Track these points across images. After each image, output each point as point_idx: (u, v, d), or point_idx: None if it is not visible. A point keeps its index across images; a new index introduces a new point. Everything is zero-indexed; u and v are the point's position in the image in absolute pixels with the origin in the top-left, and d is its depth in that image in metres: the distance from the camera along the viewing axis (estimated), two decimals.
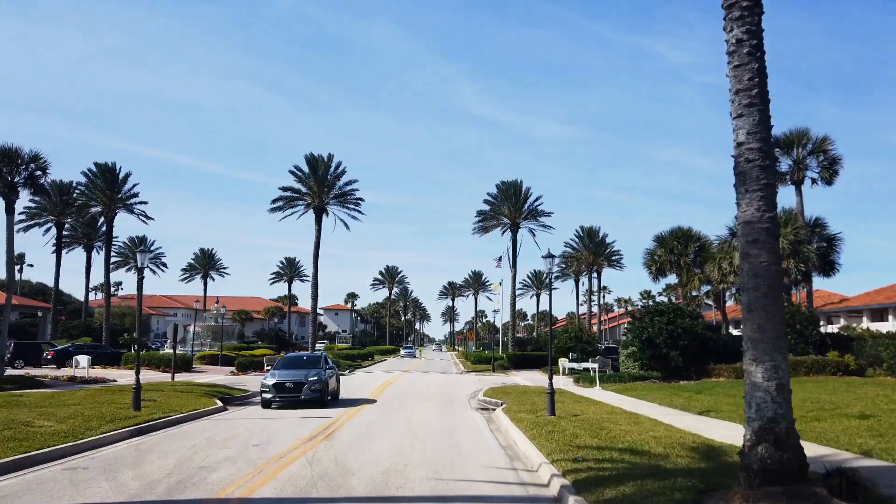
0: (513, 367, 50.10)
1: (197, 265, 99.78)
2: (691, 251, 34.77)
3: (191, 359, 41.86)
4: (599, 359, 32.52)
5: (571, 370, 33.50)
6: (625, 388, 26.94)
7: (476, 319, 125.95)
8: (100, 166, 48.97)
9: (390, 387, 30.95)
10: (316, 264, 48.37)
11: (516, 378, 40.61)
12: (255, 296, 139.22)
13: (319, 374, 21.38)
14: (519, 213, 54.59)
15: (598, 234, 65.15)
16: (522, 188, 54.68)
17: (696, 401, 20.75)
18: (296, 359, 24.29)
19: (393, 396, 25.47)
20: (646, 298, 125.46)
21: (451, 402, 23.46)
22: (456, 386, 32.67)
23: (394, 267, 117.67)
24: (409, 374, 44.34)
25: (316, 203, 47.95)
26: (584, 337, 43.86)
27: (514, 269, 54.87)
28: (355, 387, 30.30)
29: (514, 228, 54.85)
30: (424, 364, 61.35)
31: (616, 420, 15.70)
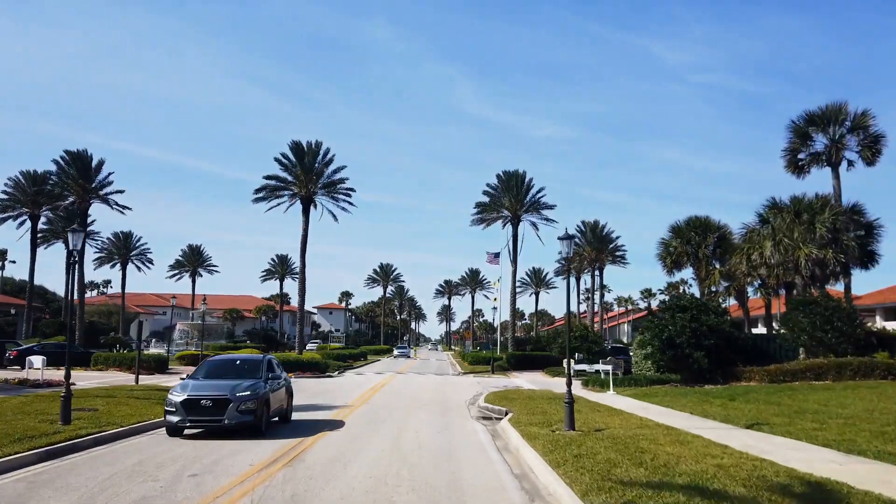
0: (512, 369, 47.11)
1: (185, 262, 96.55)
2: (710, 242, 31.77)
3: (166, 359, 38.73)
4: (612, 360, 29.52)
5: (581, 372, 30.46)
6: (643, 393, 23.94)
7: (473, 319, 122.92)
8: (72, 154, 45.80)
9: (381, 391, 27.92)
10: (303, 259, 45.28)
11: (517, 380, 37.60)
12: (248, 294, 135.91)
13: (256, 387, 14.29)
14: (520, 205, 51.55)
15: (601, 230, 62.19)
16: (525, 179, 51.73)
17: (735, 410, 17.76)
18: (225, 364, 16.43)
19: (382, 403, 22.42)
20: (647, 297, 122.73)
21: (448, 411, 20.44)
22: (453, 389, 29.67)
23: (388, 264, 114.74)
24: (403, 375, 41.31)
25: (303, 193, 44.85)
26: (591, 336, 40.90)
27: (514, 265, 51.89)
28: (344, 390, 27.28)
29: (515, 221, 51.82)
30: (420, 365, 58.30)
31: (654, 437, 12.67)
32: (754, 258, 26.86)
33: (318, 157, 44.98)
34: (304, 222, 45.09)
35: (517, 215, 51.82)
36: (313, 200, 45.37)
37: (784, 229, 25.92)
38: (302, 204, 45.28)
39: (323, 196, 45.99)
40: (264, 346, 71.60)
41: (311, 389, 27.24)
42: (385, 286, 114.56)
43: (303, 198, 45.04)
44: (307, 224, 45.07)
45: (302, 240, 45.02)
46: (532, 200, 51.94)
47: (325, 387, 29.28)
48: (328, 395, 24.55)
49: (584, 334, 41.08)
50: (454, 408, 21.27)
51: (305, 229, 45.00)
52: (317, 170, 44.78)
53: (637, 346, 27.26)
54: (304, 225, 45.10)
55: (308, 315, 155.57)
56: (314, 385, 30.05)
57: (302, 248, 44.99)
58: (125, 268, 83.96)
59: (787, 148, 26.07)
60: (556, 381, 36.89)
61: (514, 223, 51.95)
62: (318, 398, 23.43)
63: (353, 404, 21.49)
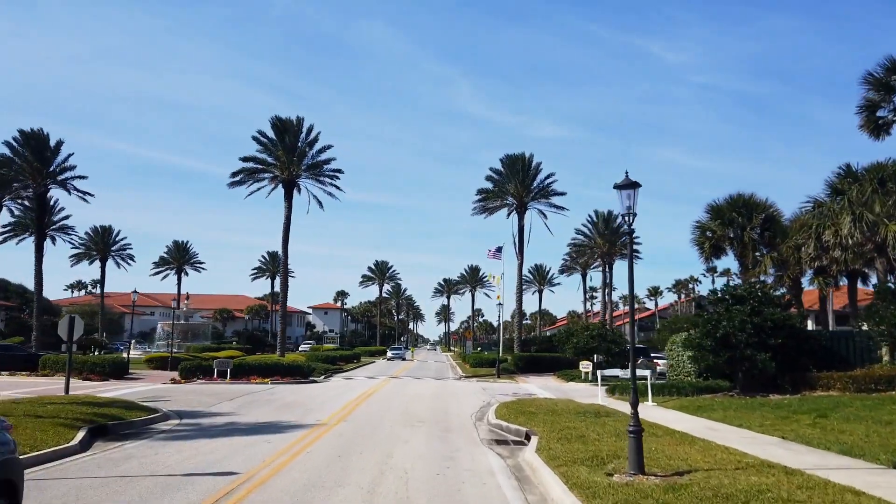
0: (519, 372, 42.34)
1: (170, 259, 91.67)
2: (756, 223, 26.92)
3: (126, 363, 33.83)
4: (643, 362, 24.70)
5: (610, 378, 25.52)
6: (693, 405, 19.13)
7: (473, 318, 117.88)
8: (25, 134, 40.86)
9: (368, 400, 23.10)
10: (286, 249, 40.43)
11: (528, 386, 32.79)
12: (240, 294, 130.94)
13: None
14: (527, 191, 46.74)
15: (614, 220, 57.36)
16: (531, 163, 46.90)
17: (843, 433, 12.98)
18: None
19: (366, 419, 17.61)
20: (653, 296, 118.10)
21: (450, 431, 15.67)
22: (455, 398, 24.86)
23: (384, 262, 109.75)
24: (398, 380, 36.50)
25: (284, 176, 40.04)
26: (610, 335, 36.12)
27: (520, 257, 47.12)
28: (323, 400, 22.49)
29: (521, 209, 47.02)
30: (416, 367, 53.45)
31: (778, 487, 7.86)
32: (826, 238, 22.07)
33: (300, 136, 40.21)
34: (287, 208, 40.31)
35: (523, 203, 47.00)
36: (296, 184, 40.59)
37: (863, 202, 21.28)
38: (284, 188, 40.52)
39: (308, 179, 41.24)
40: (250, 346, 66.71)
41: (281, 400, 22.41)
42: (381, 284, 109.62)
43: (284, 181, 40.25)
44: (290, 210, 40.31)
45: (284, 228, 40.24)
46: (540, 186, 47.16)
47: (302, 395, 24.47)
48: (300, 408, 19.73)
49: (603, 333, 36.31)
50: (457, 427, 16.46)
51: (288, 216, 40.23)
52: (300, 149, 39.98)
53: (682, 345, 22.39)
54: (287, 211, 40.33)
55: (302, 315, 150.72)
56: (289, 394, 25.22)
57: (284, 237, 40.19)
58: (104, 264, 79.07)
59: (862, 105, 21.48)
60: (572, 387, 32.09)
61: (520, 211, 47.15)
62: (286, 412, 18.61)
63: (327, 422, 16.65)
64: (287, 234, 40.17)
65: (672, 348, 25.55)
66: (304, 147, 39.87)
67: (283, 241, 40.07)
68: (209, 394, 24.53)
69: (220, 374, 31.51)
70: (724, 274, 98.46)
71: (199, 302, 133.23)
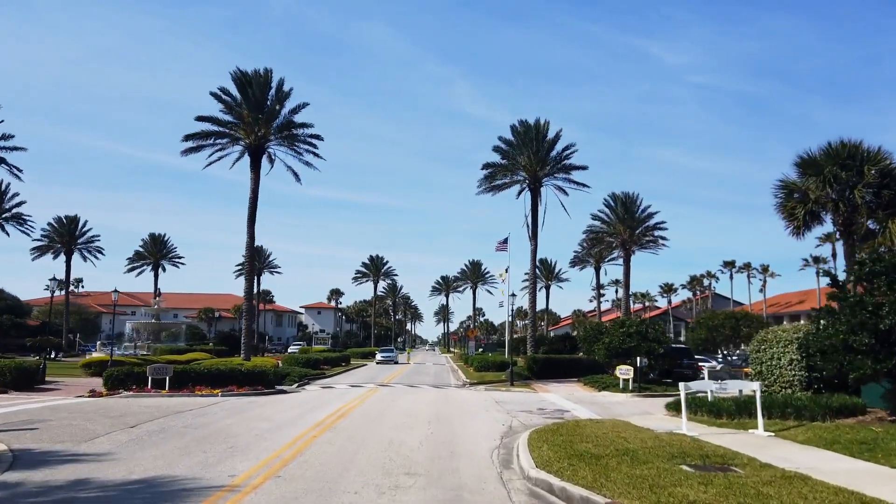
0: (534, 377, 35.30)
1: (146, 253, 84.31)
2: (870, 179, 19.79)
3: (36, 369, 26.52)
4: (723, 368, 17.68)
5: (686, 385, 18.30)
6: (842, 437, 12.03)
7: (475, 316, 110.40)
8: None
9: (338, 425, 16.01)
10: (252, 228, 33.26)
11: (552, 397, 25.73)
12: (227, 293, 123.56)
13: None
14: (542, 164, 39.58)
15: (636, 203, 50.27)
16: (547, 131, 39.79)
17: None
18: None
19: (321, 467, 10.48)
20: (667, 293, 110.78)
21: (461, 488, 8.63)
22: (462, 420, 17.77)
23: (379, 257, 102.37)
24: (388, 389, 29.44)
25: (250, 140, 32.93)
26: (652, 333, 29.07)
27: (534, 242, 39.96)
28: (275, 425, 15.41)
29: (535, 186, 39.88)
30: (412, 371, 46.28)
31: None
32: None
33: (269, 92, 33.06)
34: (254, 180, 33.21)
35: (537, 178, 39.84)
36: (265, 150, 33.45)
37: None
38: (250, 155, 33.40)
39: (279, 144, 34.05)
40: (226, 348, 59.47)
41: (207, 427, 15.26)
42: (376, 281, 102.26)
43: (250, 147, 33.10)
44: (257, 182, 33.21)
45: (251, 203, 33.11)
46: (557, 158, 40.00)
47: (247, 417, 17.37)
48: (221, 445, 12.57)
49: (642, 330, 29.22)
50: (474, 485, 9.30)
51: (255, 189, 33.10)
52: (268, 108, 32.80)
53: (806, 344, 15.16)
54: (254, 183, 33.21)
55: (293, 315, 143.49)
56: (230, 414, 18.12)
57: (250, 213, 33.07)
58: (70, 258, 71.73)
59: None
60: (610, 399, 25.06)
61: (534, 188, 40.00)
62: (192, 455, 11.45)
63: (242, 482, 9.46)
64: (254, 211, 33.03)
65: (761, 350, 18.43)
66: (273, 105, 32.65)
67: (248, 220, 32.92)
68: (115, 414, 17.42)
69: (155, 384, 24.40)
70: (745, 267, 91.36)
71: (183, 301, 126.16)
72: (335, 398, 24.08)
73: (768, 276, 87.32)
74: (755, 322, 44.32)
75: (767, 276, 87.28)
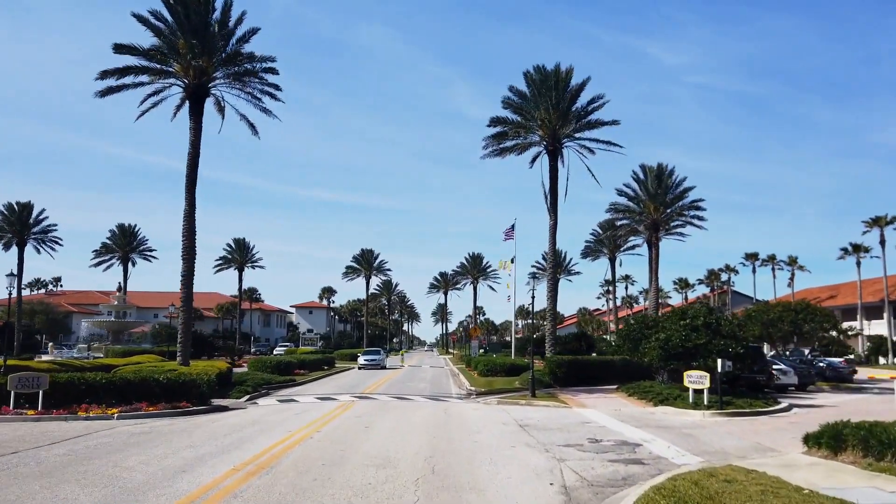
0: (558, 384, 27.71)
1: (114, 246, 76.41)
2: None
3: None
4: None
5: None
6: None
7: (476, 314, 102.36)
8: None
9: (250, 485, 8.30)
10: (192, 196, 25.62)
11: (597, 416, 18.01)
12: (212, 291, 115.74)
13: None
14: (563, 119, 31.80)
15: (669, 175, 42.51)
16: (570, 79, 31.98)
17: None
18: None
19: None
20: (683, 288, 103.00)
21: None
22: (474, 468, 10.11)
23: (370, 251, 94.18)
24: (370, 402, 21.82)
25: (189, 80, 25.21)
26: (726, 327, 21.46)
27: (553, 217, 32.16)
28: (138, 485, 7.79)
29: (555, 147, 32.09)
30: (405, 377, 38.61)
31: None
32: None
33: (212, 15, 25.29)
34: (194, 128, 25.59)
35: (557, 136, 32.06)
36: (207, 91, 25.70)
37: None
38: (190, 99, 25.61)
39: (228, 84, 26.33)
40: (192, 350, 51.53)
41: None
42: (368, 277, 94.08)
43: (189, 88, 25.35)
44: (198, 132, 25.59)
45: (190, 157, 25.50)
46: (581, 111, 32.23)
47: (100, 467, 9.66)
48: None
49: (712, 322, 21.60)
50: None
51: (195, 142, 25.51)
52: (210, 34, 25.00)
53: None
54: (194, 134, 25.61)
55: (283, 315, 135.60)
56: (74, 462, 10.42)
57: (190, 170, 25.47)
58: (22, 249, 63.73)
59: None
60: (680, 419, 17.51)
61: (553, 150, 32.25)
62: None
63: None
64: (194, 168, 25.39)
65: None
66: (214, 28, 24.85)
67: (186, 182, 25.23)
68: None
69: (20, 402, 16.69)
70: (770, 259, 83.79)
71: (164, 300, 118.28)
72: (285, 421, 16.39)
73: (797, 269, 79.56)
74: (818, 316, 36.74)
75: (796, 269, 79.52)
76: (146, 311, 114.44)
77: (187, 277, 25.17)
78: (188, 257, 25.14)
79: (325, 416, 17.50)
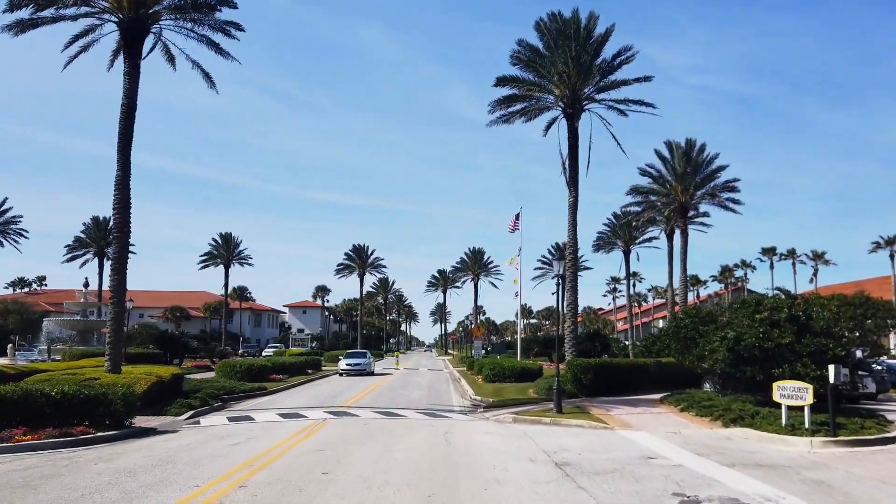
0: (584, 394, 22.52)
1: (87, 240, 71.11)
2: None
3: None
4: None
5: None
6: None
7: (477, 313, 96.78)
8: None
9: None
10: (126, 158, 20.39)
11: (658, 445, 12.53)
12: (201, 290, 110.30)
13: None
14: (585, 75, 26.53)
15: (700, 151, 37.22)
16: (593, 29, 26.69)
17: None
18: None
19: None
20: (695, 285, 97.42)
21: None
22: None
23: (364, 246, 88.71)
24: (346, 420, 16.56)
25: (125, 12, 19.94)
26: (818, 322, 16.29)
27: (574, 191, 26.89)
28: None
29: (575, 109, 26.77)
30: (398, 383, 33.34)
31: None
32: None
33: None
34: (129, 73, 20.41)
35: (577, 97, 26.76)
36: (147, 27, 20.47)
37: None
38: (124, 38, 20.40)
39: (174, 21, 21.11)
40: (161, 353, 46.28)
41: None
42: (362, 275, 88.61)
43: (124, 23, 20.11)
44: (135, 77, 20.33)
45: (124, 110, 20.32)
46: (605, 66, 26.98)
47: None
48: None
49: (796, 315, 16.40)
50: None
51: (130, 89, 20.28)
52: None
53: None
54: (129, 81, 20.45)
55: (275, 314, 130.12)
56: None
57: (123, 126, 20.28)
58: None
59: None
60: (786, 452, 11.93)
61: (572, 113, 26.96)
62: None
63: None
64: (129, 121, 20.19)
65: None
66: None
67: (119, 141, 20.02)
68: None
69: None
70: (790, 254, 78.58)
71: (150, 299, 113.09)
72: (211, 459, 11.14)
73: (821, 264, 74.29)
74: (881, 311, 31.44)
75: (820, 264, 74.25)
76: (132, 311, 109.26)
77: (119, 260, 19.89)
78: (121, 236, 19.89)
79: (274, 448, 12.25)
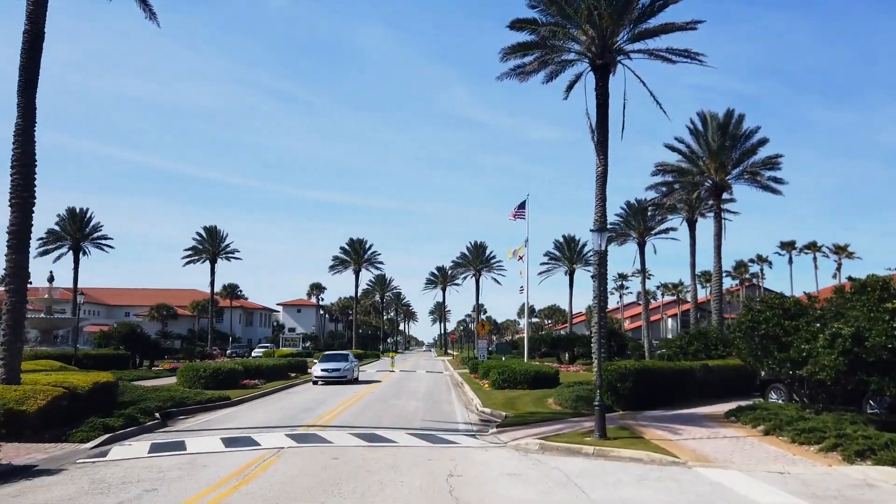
0: (622, 405, 17.80)
1: (63, 233, 66.10)
2: None
3: None
4: None
5: None
6: None
7: (478, 311, 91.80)
8: None
9: None
10: (29, 103, 15.49)
11: (764, 495, 7.85)
12: (189, 288, 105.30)
13: None
14: (618, 18, 21.61)
15: (738, 124, 32.47)
16: None
17: None
18: None
19: None
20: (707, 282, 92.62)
21: None
22: None
23: (360, 240, 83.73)
24: (310, 452, 11.74)
25: None
26: None
27: (603, 159, 21.98)
28: None
29: (606, 60, 21.74)
30: (390, 392, 28.54)
31: None
32: None
33: None
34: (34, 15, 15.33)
35: (607, 46, 21.92)
36: None
37: None
38: None
39: None
40: (129, 353, 41.58)
41: None
42: (357, 270, 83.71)
43: None
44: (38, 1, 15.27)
45: (27, 38, 15.44)
46: (643, 7, 22.17)
47: None
48: None
49: None
50: None
51: (34, 11, 15.29)
52: None
53: None
54: (32, 2, 15.32)
55: (268, 313, 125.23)
56: None
57: (26, 60, 15.41)
58: None
59: None
60: None
61: (602, 65, 22.07)
62: None
63: None
64: (34, 55, 15.35)
65: None
66: None
67: (20, 81, 15.24)
68: None
69: None
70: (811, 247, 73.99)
71: (136, 297, 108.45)
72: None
73: (844, 258, 69.61)
74: None
75: (843, 258, 69.57)
76: (116, 310, 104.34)
77: (18, 234, 15.05)
78: (20, 202, 15.04)
79: None
